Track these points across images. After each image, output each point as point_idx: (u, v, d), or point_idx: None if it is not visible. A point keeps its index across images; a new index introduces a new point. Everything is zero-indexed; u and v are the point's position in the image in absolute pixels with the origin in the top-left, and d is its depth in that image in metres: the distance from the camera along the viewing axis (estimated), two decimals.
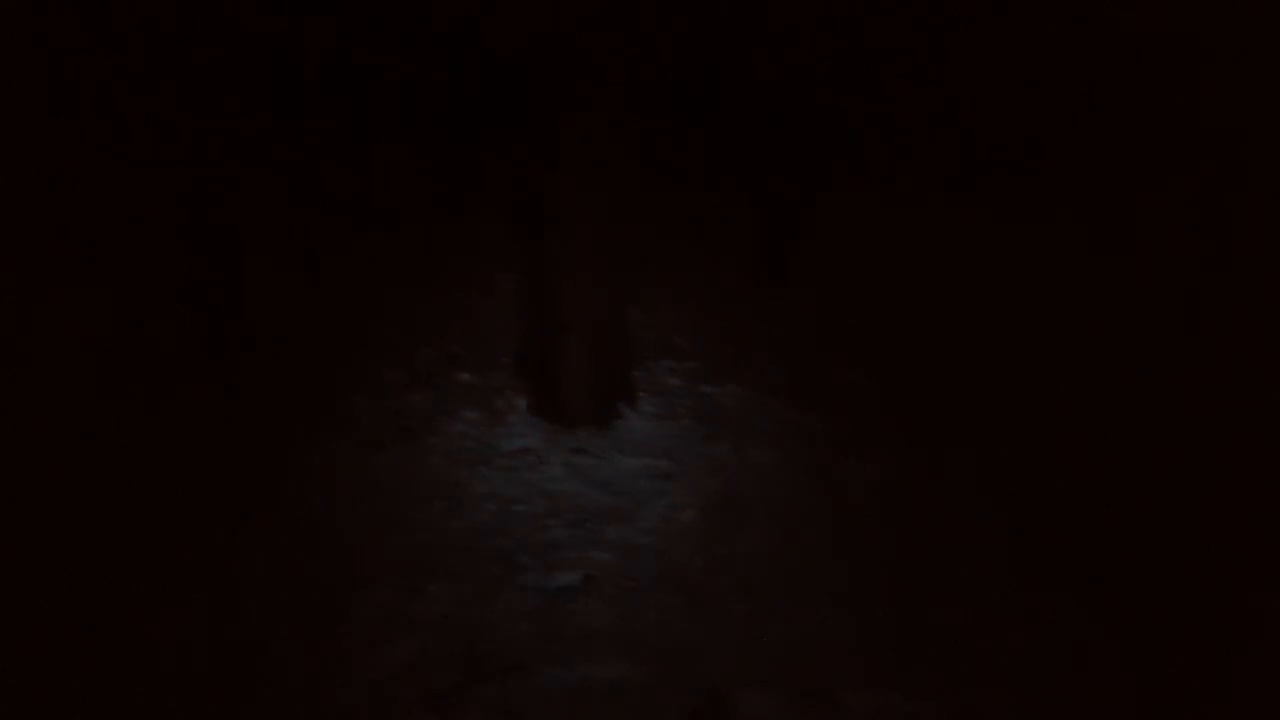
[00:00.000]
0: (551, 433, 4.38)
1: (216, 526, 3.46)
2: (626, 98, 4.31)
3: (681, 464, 4.14)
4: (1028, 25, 7.36)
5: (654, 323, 5.95)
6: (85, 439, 4.06)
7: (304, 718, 2.52)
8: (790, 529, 3.60)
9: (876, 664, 2.78)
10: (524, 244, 5.93)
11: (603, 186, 4.29)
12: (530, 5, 4.37)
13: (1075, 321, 6.03)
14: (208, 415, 4.43)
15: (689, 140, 8.51)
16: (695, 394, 4.99)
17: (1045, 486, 3.98)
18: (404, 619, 2.93)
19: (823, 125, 7.52)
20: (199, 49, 5.46)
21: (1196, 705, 2.67)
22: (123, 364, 4.84)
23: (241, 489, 3.77)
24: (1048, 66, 7.39)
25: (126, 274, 5.57)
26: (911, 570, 3.32)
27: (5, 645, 2.76)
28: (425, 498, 3.77)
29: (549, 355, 4.47)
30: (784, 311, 6.48)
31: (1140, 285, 6.34)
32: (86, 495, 3.62)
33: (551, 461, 4.10)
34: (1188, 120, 6.64)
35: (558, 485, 3.90)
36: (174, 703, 2.56)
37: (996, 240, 7.31)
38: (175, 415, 4.40)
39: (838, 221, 7.83)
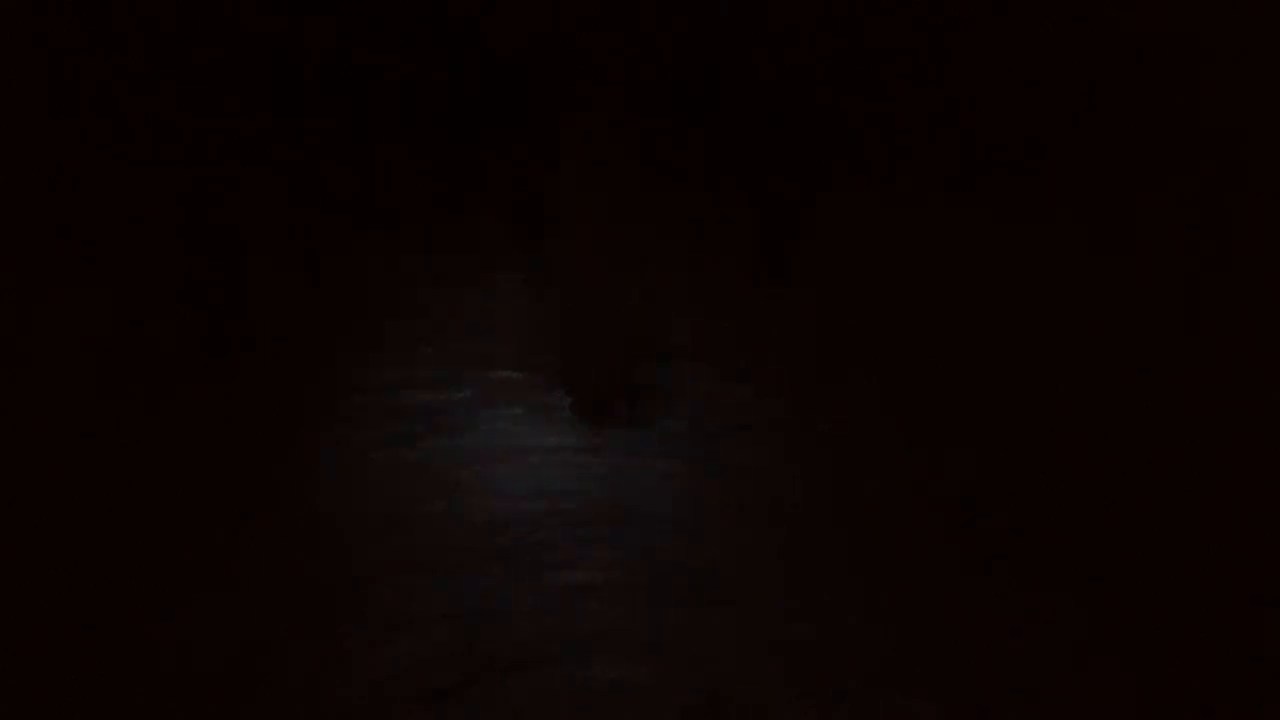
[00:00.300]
0: (551, 432, 4.38)
1: (216, 526, 3.46)
2: (626, 98, 4.31)
3: (681, 464, 4.14)
4: (1028, 25, 7.36)
5: (654, 323, 5.95)
6: (85, 439, 4.06)
7: (304, 718, 2.52)
8: (790, 529, 3.60)
9: (876, 664, 2.79)
10: (524, 244, 5.93)
11: (603, 186, 4.29)
12: (530, 5, 4.37)
13: (1075, 321, 6.03)
14: (208, 415, 4.43)
15: (689, 140, 8.51)
16: (695, 394, 4.99)
17: (1045, 486, 3.98)
18: (404, 619, 2.94)
19: (823, 125, 7.52)
20: (199, 49, 5.46)
21: (1196, 705, 2.67)
22: (123, 364, 4.84)
23: (241, 489, 3.77)
24: (1048, 66, 7.40)
25: (126, 274, 5.58)
26: (911, 570, 3.32)
27: (5, 645, 2.76)
28: (425, 497, 3.77)
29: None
30: (784, 311, 6.48)
31: (1140, 285, 6.34)
32: (86, 495, 3.62)
33: (551, 461, 4.10)
34: (1188, 120, 6.64)
35: (557, 485, 3.90)
36: (174, 703, 2.56)
37: (996, 240, 7.31)
38: (175, 415, 4.40)
39: (838, 221, 7.83)
